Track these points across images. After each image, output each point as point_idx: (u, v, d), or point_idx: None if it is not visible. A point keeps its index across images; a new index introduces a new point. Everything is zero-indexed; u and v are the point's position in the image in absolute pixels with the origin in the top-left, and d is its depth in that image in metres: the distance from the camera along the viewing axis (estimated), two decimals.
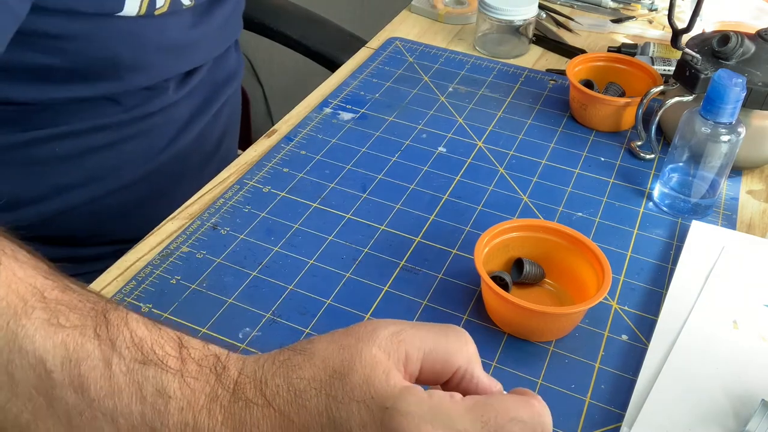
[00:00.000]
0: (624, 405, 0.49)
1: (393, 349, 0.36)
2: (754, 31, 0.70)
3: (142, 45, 0.66)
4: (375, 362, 0.35)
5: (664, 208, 0.66)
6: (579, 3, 1.00)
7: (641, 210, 0.66)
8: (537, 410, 0.35)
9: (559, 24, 0.96)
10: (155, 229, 0.62)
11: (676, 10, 0.67)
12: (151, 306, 0.54)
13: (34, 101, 0.64)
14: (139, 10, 0.63)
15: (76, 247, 0.75)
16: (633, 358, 0.52)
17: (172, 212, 0.64)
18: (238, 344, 0.52)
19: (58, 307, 0.36)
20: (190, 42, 0.72)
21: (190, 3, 0.69)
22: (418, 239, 0.62)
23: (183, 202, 0.66)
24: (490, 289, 0.51)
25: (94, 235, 0.75)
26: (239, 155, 0.72)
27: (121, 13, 0.61)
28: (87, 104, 0.67)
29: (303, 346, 0.38)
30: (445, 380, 0.38)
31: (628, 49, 0.88)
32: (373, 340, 0.36)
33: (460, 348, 0.38)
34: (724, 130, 0.60)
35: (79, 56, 0.62)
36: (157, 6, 0.65)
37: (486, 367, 0.50)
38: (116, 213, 0.74)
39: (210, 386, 0.36)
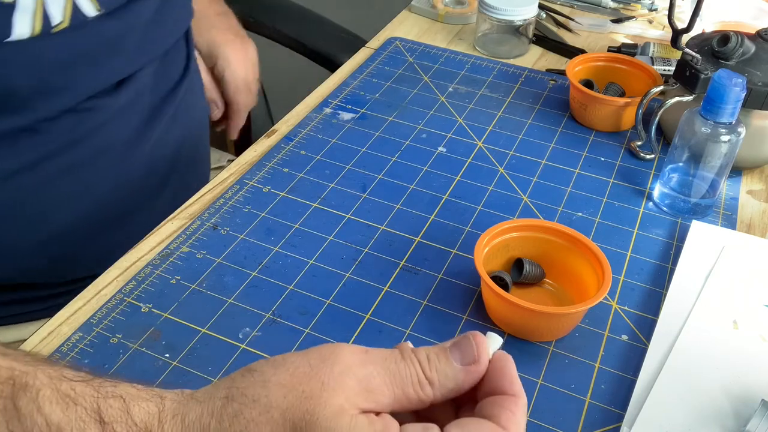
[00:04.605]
0: (624, 405, 0.49)
1: (361, 400, 0.33)
2: (754, 31, 0.70)
3: (43, 67, 0.58)
4: (341, 412, 0.33)
5: (664, 208, 0.66)
6: (579, 3, 1.00)
7: (641, 210, 0.66)
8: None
9: (559, 24, 0.96)
10: (155, 229, 0.62)
11: (676, 10, 0.67)
12: (151, 306, 0.54)
13: None
14: (33, 31, 0.55)
15: (19, 291, 0.69)
16: (633, 358, 0.52)
17: (128, 246, 0.60)
18: (239, 344, 0.52)
19: None
20: (107, 50, 0.63)
21: (97, 12, 0.60)
22: (418, 239, 0.62)
23: (143, 233, 0.61)
24: (490, 289, 0.51)
25: (39, 279, 0.69)
26: (225, 165, 0.68)
27: (10, 39, 0.54)
28: (2, 141, 0.59)
29: (256, 392, 0.34)
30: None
31: (628, 49, 0.88)
32: (340, 389, 0.33)
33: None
34: (724, 130, 0.60)
35: None
36: (54, 23, 0.57)
37: None
38: (58, 257, 0.67)
39: None
